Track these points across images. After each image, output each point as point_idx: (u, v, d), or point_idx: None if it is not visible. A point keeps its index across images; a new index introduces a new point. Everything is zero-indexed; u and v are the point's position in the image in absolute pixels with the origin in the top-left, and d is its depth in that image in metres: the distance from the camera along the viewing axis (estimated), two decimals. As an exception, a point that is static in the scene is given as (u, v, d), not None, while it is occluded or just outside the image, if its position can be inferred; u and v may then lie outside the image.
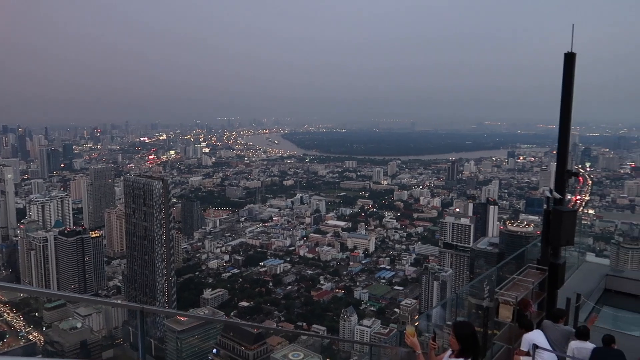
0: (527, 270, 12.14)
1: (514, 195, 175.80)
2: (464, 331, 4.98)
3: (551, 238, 11.63)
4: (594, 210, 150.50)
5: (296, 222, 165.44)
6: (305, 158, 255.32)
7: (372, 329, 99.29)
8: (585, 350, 8.89)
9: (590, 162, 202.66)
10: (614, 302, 16.38)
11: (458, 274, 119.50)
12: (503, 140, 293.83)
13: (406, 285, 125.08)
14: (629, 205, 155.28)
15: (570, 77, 11.59)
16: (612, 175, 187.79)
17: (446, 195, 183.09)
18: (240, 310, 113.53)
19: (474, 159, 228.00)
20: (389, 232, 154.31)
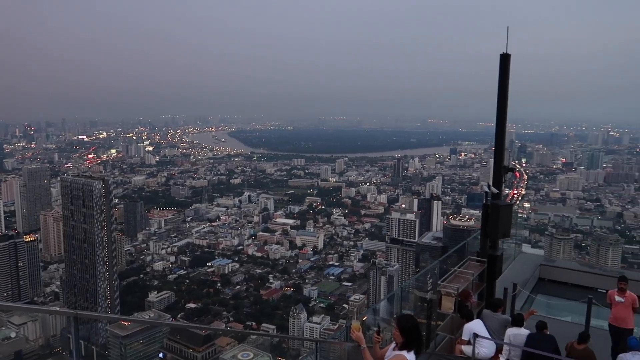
0: (468, 262, 12.64)
1: (456, 190, 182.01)
2: (406, 324, 5.10)
3: (489, 231, 12.15)
4: (529, 204, 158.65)
5: (244, 221, 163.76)
6: (253, 156, 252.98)
7: (322, 326, 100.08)
8: (521, 337, 9.37)
9: (526, 158, 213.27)
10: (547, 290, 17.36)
11: (404, 268, 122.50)
12: (446, 138, 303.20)
13: (354, 281, 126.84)
14: (560, 199, 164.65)
15: (506, 77, 12.11)
16: (546, 170, 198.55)
17: (392, 191, 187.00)
18: (188, 312, 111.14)
19: (418, 155, 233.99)
20: (337, 229, 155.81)
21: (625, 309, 10.57)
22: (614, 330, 10.69)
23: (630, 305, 10.61)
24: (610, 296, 10.87)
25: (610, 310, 10.96)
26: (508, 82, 12.17)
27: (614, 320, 10.75)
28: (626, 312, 10.58)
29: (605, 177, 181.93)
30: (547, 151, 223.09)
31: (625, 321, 10.50)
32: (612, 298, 10.82)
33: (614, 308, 10.80)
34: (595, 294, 13.21)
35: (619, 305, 10.61)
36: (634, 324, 10.78)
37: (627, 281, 10.79)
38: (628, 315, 10.59)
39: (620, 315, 10.59)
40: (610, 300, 10.88)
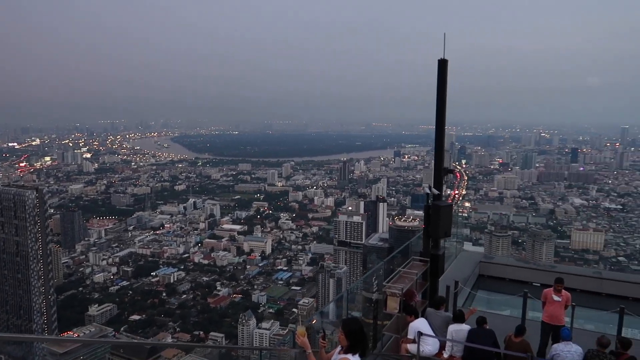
0: (412, 262, 12.91)
1: (400, 192, 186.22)
2: (351, 327, 5.13)
3: (431, 231, 12.47)
4: (470, 203, 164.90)
5: (190, 228, 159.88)
6: (198, 162, 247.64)
7: (271, 331, 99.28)
8: (462, 332, 9.67)
9: (465, 160, 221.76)
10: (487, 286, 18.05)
11: (352, 270, 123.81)
12: (390, 141, 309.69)
13: (303, 285, 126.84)
14: (498, 198, 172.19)
15: (444, 82, 12.48)
16: (484, 170, 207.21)
17: (339, 194, 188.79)
18: (132, 324, 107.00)
19: (363, 158, 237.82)
20: (285, 233, 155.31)
21: (560, 307, 11.07)
22: (547, 328, 11.04)
23: (564, 304, 11.12)
24: (547, 295, 11.19)
25: (543, 309, 11.27)
26: (446, 87, 12.53)
27: (549, 319, 11.07)
28: (561, 310, 11.08)
29: (538, 176, 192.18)
30: (485, 152, 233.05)
31: (558, 318, 10.97)
32: (548, 297, 11.16)
33: (549, 306, 11.11)
34: (530, 288, 13.85)
35: (555, 303, 11.01)
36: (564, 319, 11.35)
37: (564, 282, 11.23)
38: (562, 313, 11.11)
39: (555, 313, 11.01)
40: (546, 299, 11.21)
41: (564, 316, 11.14)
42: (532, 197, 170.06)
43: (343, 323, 5.17)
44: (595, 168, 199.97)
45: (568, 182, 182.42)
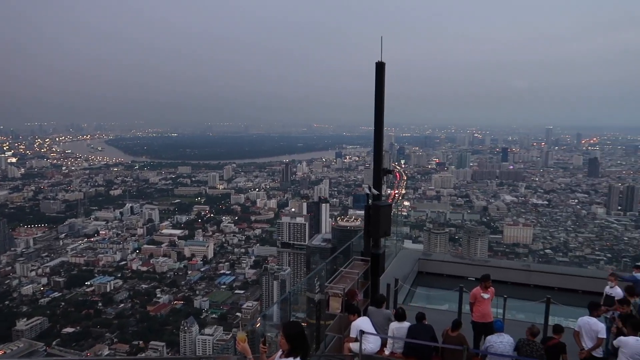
0: (353, 262, 13.11)
1: (342, 192, 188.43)
2: (291, 331, 5.11)
3: (371, 231, 12.71)
4: (409, 202, 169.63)
5: (127, 234, 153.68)
6: (135, 165, 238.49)
7: (215, 337, 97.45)
8: (403, 329, 9.93)
9: (404, 160, 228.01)
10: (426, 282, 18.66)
11: (296, 272, 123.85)
12: (331, 142, 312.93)
13: (247, 288, 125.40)
14: (436, 196, 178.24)
15: (381, 84, 12.75)
16: (422, 170, 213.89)
17: (282, 196, 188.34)
18: (65, 337, 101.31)
19: (305, 160, 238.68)
20: (227, 237, 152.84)
21: (489, 304, 11.26)
22: (480, 326, 11.13)
23: (491, 300, 11.31)
24: (476, 295, 11.24)
25: (472, 309, 11.35)
26: (384, 89, 12.81)
27: (480, 317, 11.16)
28: (489, 307, 11.27)
29: (472, 175, 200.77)
30: (423, 153, 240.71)
31: (489, 315, 11.16)
32: (477, 296, 11.22)
33: (479, 305, 11.19)
34: (466, 282, 14.44)
35: (485, 301, 11.17)
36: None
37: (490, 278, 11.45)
38: (490, 309, 11.32)
39: (485, 310, 11.19)
40: (475, 299, 11.26)
41: (491, 312, 11.47)
42: (467, 195, 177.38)
43: (283, 327, 5.15)
44: (524, 166, 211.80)
45: (499, 180, 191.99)
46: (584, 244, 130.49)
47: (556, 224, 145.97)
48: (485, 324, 11.04)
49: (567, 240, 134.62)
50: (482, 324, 11.11)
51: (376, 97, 12.78)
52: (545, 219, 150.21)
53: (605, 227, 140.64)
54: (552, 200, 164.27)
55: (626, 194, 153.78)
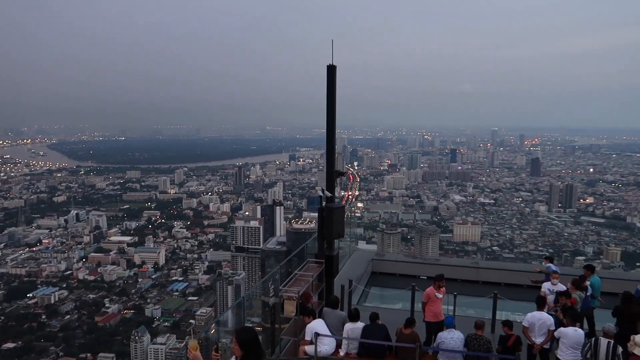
0: (307, 264, 13.10)
1: (297, 195, 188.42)
2: (244, 336, 5.04)
3: (325, 233, 12.74)
4: (362, 204, 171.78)
5: (72, 242, 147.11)
6: (80, 170, 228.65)
7: (167, 346, 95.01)
8: (357, 330, 10.00)
9: (357, 162, 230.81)
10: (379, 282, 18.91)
11: (251, 276, 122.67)
12: (285, 145, 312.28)
13: (200, 295, 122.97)
14: (388, 197, 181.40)
15: (333, 87, 12.80)
16: (375, 171, 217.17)
17: (235, 199, 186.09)
18: (5, 353, 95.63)
19: (259, 163, 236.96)
20: (179, 242, 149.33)
21: (441, 303, 11.50)
22: (433, 325, 11.28)
23: (442, 298, 11.53)
24: (430, 295, 11.37)
25: (425, 309, 11.50)
26: (335, 92, 12.86)
27: (433, 317, 11.34)
28: (441, 306, 11.52)
29: (423, 176, 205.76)
30: (375, 154, 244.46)
31: (441, 314, 11.37)
32: (431, 296, 11.36)
33: (432, 305, 11.36)
34: (418, 281, 14.75)
35: (438, 301, 11.39)
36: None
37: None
38: (441, 308, 11.59)
39: (438, 310, 11.41)
40: (429, 299, 11.40)
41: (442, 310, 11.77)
42: (419, 196, 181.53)
43: (236, 333, 5.07)
44: (471, 167, 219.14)
45: (449, 181, 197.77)
46: (528, 241, 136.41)
47: (502, 222, 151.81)
48: (438, 323, 11.25)
49: (512, 237, 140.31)
50: (436, 323, 11.32)
51: (328, 99, 12.83)
52: (492, 217, 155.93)
53: (547, 224, 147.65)
54: (498, 199, 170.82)
55: (565, 192, 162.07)
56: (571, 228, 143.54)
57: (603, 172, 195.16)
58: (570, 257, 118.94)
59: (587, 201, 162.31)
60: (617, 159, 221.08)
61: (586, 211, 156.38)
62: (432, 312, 11.46)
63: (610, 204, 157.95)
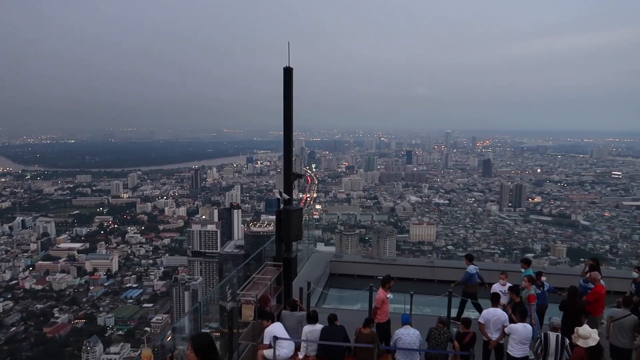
0: (266, 267, 13.02)
1: (255, 198, 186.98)
2: (200, 343, 4.94)
3: (283, 235, 12.72)
4: (320, 206, 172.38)
5: (18, 250, 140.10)
6: (26, 174, 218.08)
7: (122, 355, 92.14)
8: (316, 332, 10.02)
9: (315, 164, 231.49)
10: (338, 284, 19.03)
11: (208, 281, 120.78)
12: (242, 147, 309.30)
13: (156, 301, 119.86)
14: (346, 199, 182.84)
15: (290, 89, 12.82)
16: (333, 173, 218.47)
17: (191, 203, 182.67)
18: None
19: (216, 166, 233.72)
20: (133, 248, 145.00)
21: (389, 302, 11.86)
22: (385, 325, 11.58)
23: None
24: (384, 298, 11.59)
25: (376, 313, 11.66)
26: (292, 94, 12.88)
27: (385, 317, 11.64)
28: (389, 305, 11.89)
29: (379, 177, 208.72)
30: (333, 156, 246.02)
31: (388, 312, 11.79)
32: (385, 299, 11.59)
33: (385, 306, 11.62)
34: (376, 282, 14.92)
35: (387, 301, 11.69)
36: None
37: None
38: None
39: (388, 309, 11.76)
40: (383, 302, 11.61)
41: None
42: (376, 197, 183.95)
43: (191, 339, 4.96)
44: (426, 168, 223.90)
45: (405, 182, 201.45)
46: (480, 239, 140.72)
47: (456, 222, 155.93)
48: (388, 322, 11.65)
49: (466, 236, 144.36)
50: (387, 322, 11.67)
51: (285, 102, 12.84)
52: (447, 217, 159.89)
53: (499, 223, 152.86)
54: (452, 200, 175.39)
55: (515, 191, 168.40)
56: (521, 226, 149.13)
57: (549, 172, 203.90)
58: (520, 254, 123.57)
59: (535, 200, 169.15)
60: (562, 160, 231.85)
61: (534, 210, 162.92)
62: (385, 313, 11.73)
63: (557, 202, 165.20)
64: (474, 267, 14.42)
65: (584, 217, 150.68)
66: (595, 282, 12.26)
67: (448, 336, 9.82)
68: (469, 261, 14.71)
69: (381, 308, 11.69)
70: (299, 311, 11.14)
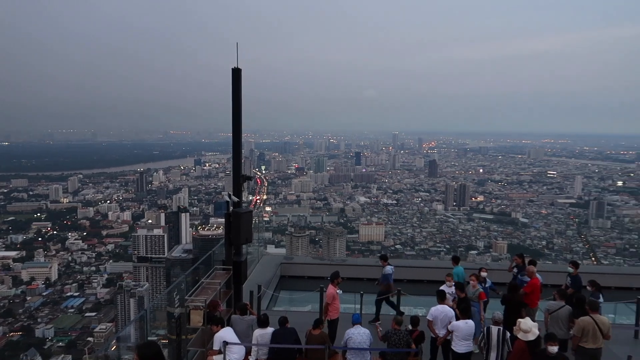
0: (215, 272, 12.80)
1: (203, 201, 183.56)
2: (146, 352, 4.80)
3: (233, 238, 12.55)
4: (271, 208, 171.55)
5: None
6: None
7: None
8: (267, 335, 9.96)
9: (265, 166, 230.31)
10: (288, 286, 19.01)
11: (155, 287, 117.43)
12: (189, 149, 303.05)
13: (99, 310, 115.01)
14: (296, 200, 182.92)
15: (238, 90, 12.67)
16: (282, 175, 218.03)
17: (137, 207, 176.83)
18: None
19: (162, 168, 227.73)
20: (74, 255, 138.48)
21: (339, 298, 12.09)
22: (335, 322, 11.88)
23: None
24: (334, 294, 11.82)
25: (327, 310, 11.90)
26: (241, 95, 12.75)
27: (337, 313, 11.91)
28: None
29: (329, 179, 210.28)
30: (283, 158, 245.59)
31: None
32: (335, 295, 11.83)
33: (335, 302, 11.84)
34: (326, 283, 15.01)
35: (337, 296, 11.90)
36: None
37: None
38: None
39: (339, 305, 11.97)
40: (334, 298, 11.83)
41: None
42: (325, 198, 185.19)
43: (137, 348, 4.82)
44: (375, 169, 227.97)
45: (354, 183, 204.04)
46: (427, 238, 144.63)
47: (404, 221, 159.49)
48: (337, 318, 11.87)
49: (413, 235, 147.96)
50: (337, 318, 11.88)
51: (233, 103, 12.69)
52: (395, 217, 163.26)
53: (444, 222, 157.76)
54: (400, 200, 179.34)
55: (459, 191, 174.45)
56: (465, 225, 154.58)
57: (491, 172, 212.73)
58: (465, 251, 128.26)
59: (478, 199, 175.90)
60: (503, 160, 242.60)
61: (477, 208, 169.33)
62: (336, 309, 11.90)
63: (498, 201, 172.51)
64: (390, 267, 14.76)
65: (523, 214, 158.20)
66: (531, 275, 12.98)
67: (407, 340, 9.88)
68: (384, 262, 14.96)
69: (332, 304, 11.84)
70: (249, 315, 11.03)
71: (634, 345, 12.77)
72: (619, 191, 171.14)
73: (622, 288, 17.86)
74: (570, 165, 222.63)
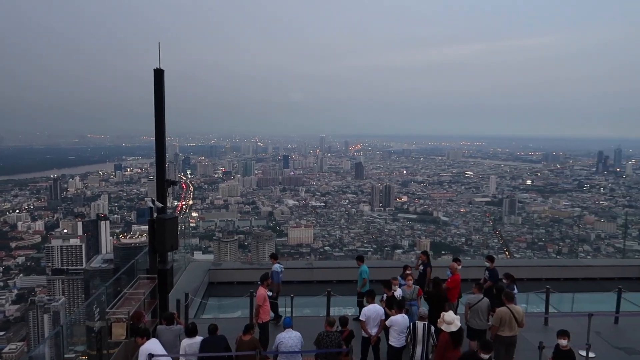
0: (139, 281, 12.25)
1: (124, 207, 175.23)
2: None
3: (157, 246, 12.07)
4: (197, 213, 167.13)
5: None
6: None
7: (-35, 395, 79.97)
8: (195, 344, 9.66)
9: (190, 170, 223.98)
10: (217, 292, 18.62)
11: (72, 300, 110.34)
12: (109, 154, 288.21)
13: (8, 329, 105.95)
14: (224, 205, 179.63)
15: (161, 92, 12.22)
16: (209, 180, 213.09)
17: (51, 216, 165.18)
18: None
19: (79, 174, 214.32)
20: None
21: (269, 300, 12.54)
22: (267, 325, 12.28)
23: None
24: (265, 295, 12.18)
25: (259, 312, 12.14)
26: (163, 97, 12.32)
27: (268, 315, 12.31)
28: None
29: (257, 182, 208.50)
30: (209, 162, 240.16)
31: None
32: (266, 296, 12.21)
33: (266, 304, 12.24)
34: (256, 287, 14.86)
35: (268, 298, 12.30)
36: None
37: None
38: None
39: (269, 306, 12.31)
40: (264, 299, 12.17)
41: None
42: (254, 202, 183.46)
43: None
44: (303, 172, 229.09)
45: (282, 186, 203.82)
46: (355, 239, 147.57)
47: (332, 223, 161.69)
48: (270, 321, 11.93)
49: (341, 236, 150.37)
50: (268, 321, 12.00)
51: (156, 105, 12.23)
52: (323, 219, 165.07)
53: (371, 222, 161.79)
54: (328, 202, 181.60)
55: (385, 192, 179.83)
56: (390, 225, 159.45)
57: (414, 173, 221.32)
58: (391, 250, 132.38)
59: (403, 200, 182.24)
60: (424, 162, 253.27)
61: (402, 209, 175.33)
62: (267, 311, 12.04)
63: (420, 201, 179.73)
64: (279, 265, 15.16)
65: (444, 213, 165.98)
66: (453, 271, 13.73)
67: (339, 342, 9.93)
68: (274, 260, 15.44)
69: (263, 306, 11.94)
70: (176, 325, 10.65)
71: (544, 331, 13.81)
72: (528, 189, 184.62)
73: (533, 279, 19.28)
74: (485, 165, 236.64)
